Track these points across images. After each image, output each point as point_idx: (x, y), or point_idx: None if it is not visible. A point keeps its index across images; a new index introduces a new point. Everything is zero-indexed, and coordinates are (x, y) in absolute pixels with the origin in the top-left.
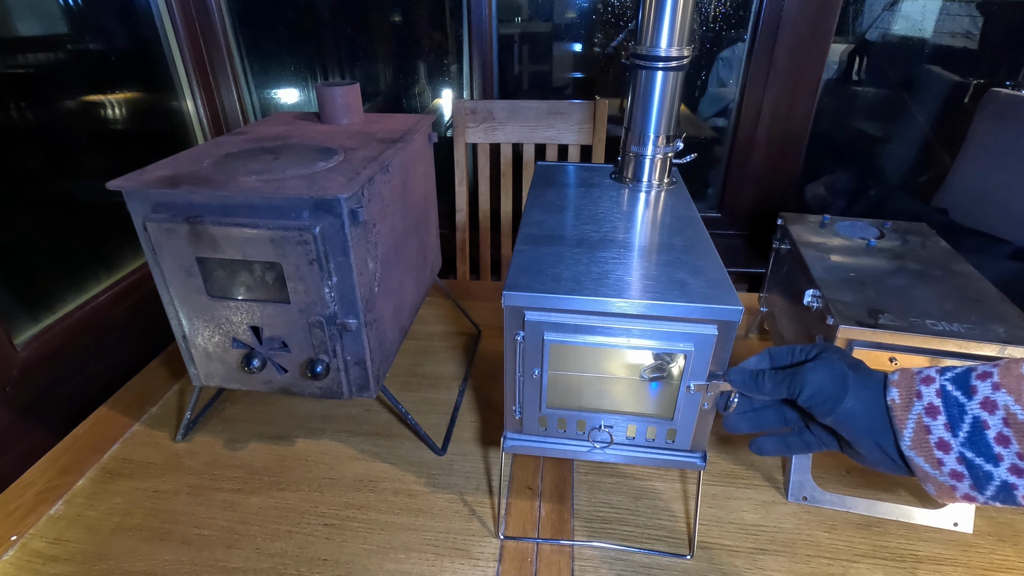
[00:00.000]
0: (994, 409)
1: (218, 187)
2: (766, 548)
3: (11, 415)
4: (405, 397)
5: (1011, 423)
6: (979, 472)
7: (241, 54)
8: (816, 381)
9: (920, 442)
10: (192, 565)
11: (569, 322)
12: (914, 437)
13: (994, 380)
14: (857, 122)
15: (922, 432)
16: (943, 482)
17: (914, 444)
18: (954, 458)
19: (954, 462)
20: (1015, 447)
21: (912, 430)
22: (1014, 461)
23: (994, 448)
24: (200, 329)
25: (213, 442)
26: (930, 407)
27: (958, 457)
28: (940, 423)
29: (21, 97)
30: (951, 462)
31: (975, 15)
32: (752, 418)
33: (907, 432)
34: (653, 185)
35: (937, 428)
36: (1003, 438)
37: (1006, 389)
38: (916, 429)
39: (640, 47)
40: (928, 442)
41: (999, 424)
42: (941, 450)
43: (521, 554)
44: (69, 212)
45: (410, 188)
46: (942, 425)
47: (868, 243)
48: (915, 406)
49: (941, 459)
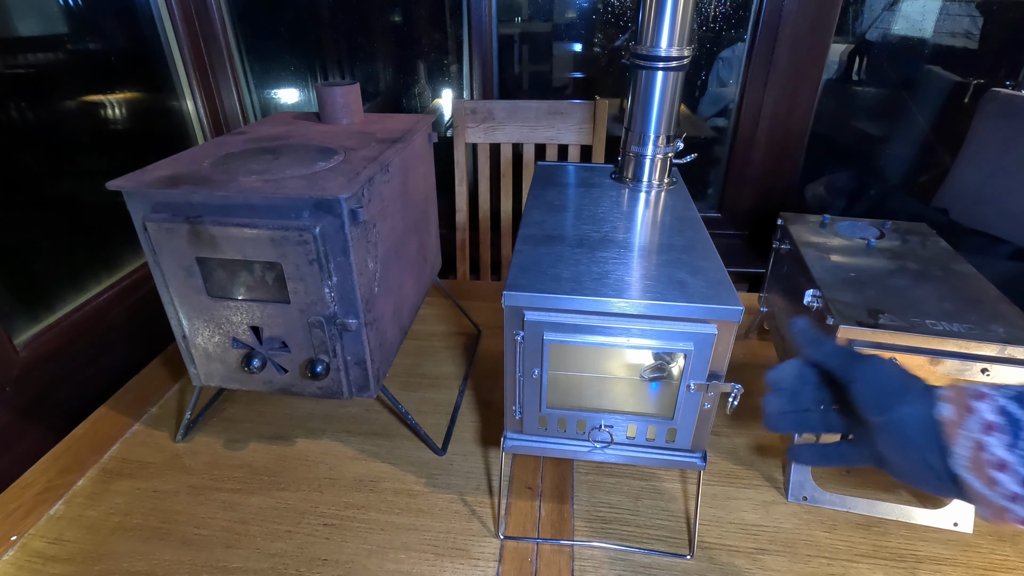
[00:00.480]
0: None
1: (218, 187)
2: (766, 548)
3: (11, 415)
4: (405, 397)
5: None
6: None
7: (241, 54)
8: (873, 372)
9: (975, 461)
10: (192, 565)
11: (569, 322)
12: (970, 456)
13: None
14: (857, 122)
15: (978, 450)
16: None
17: (971, 464)
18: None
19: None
20: None
21: (967, 448)
22: None
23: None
24: (200, 329)
25: (213, 442)
26: (988, 424)
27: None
28: (998, 442)
29: (21, 97)
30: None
31: (975, 15)
32: (795, 418)
33: (961, 450)
34: (653, 185)
35: (995, 447)
36: None
37: None
38: (972, 447)
39: (640, 47)
40: (984, 461)
41: None
42: (998, 470)
43: (521, 554)
44: (69, 212)
45: (410, 188)
46: (1001, 444)
47: (868, 243)
48: (969, 422)
49: (997, 479)
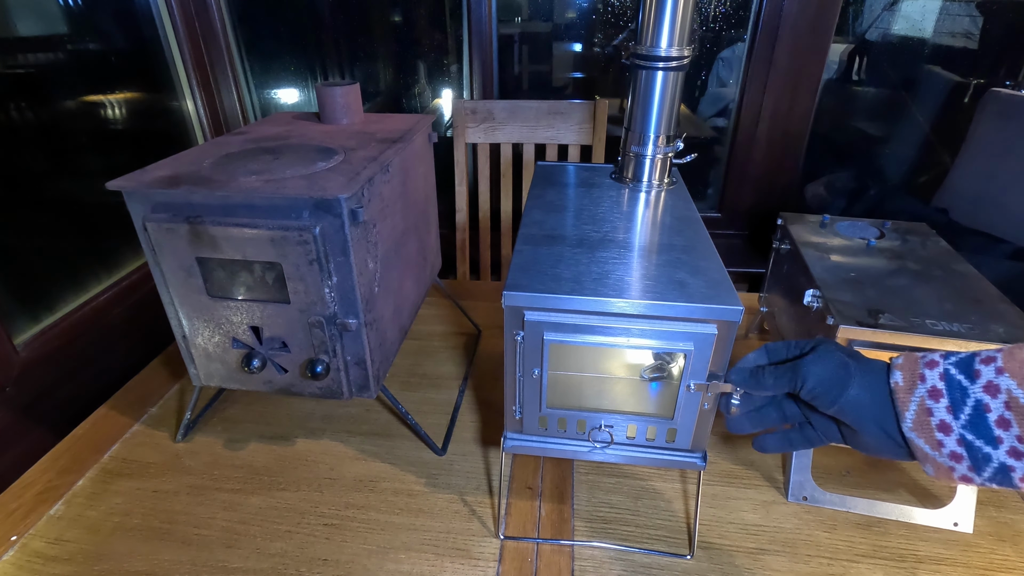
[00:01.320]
0: (996, 393)
1: (218, 187)
2: (766, 548)
3: (11, 415)
4: (405, 397)
5: (1013, 407)
6: (978, 454)
7: (241, 54)
8: (818, 372)
9: (922, 424)
10: (192, 565)
11: (569, 322)
12: (916, 419)
13: (998, 365)
14: (857, 122)
15: (924, 414)
16: (942, 463)
17: (916, 426)
18: (954, 440)
19: (954, 444)
20: (1015, 430)
21: (914, 412)
22: (1013, 444)
23: (994, 431)
24: (200, 329)
25: (213, 442)
26: (933, 390)
27: (958, 439)
28: (942, 405)
29: (21, 97)
30: (951, 444)
31: (975, 15)
32: (755, 417)
33: (909, 414)
34: (653, 185)
35: (939, 410)
36: (1004, 421)
37: (1009, 373)
38: (918, 411)
39: (640, 47)
40: (930, 424)
41: (1000, 407)
42: (942, 432)
43: (521, 554)
44: (69, 212)
45: (410, 188)
46: (944, 408)
47: (868, 243)
48: (918, 388)
49: (942, 441)
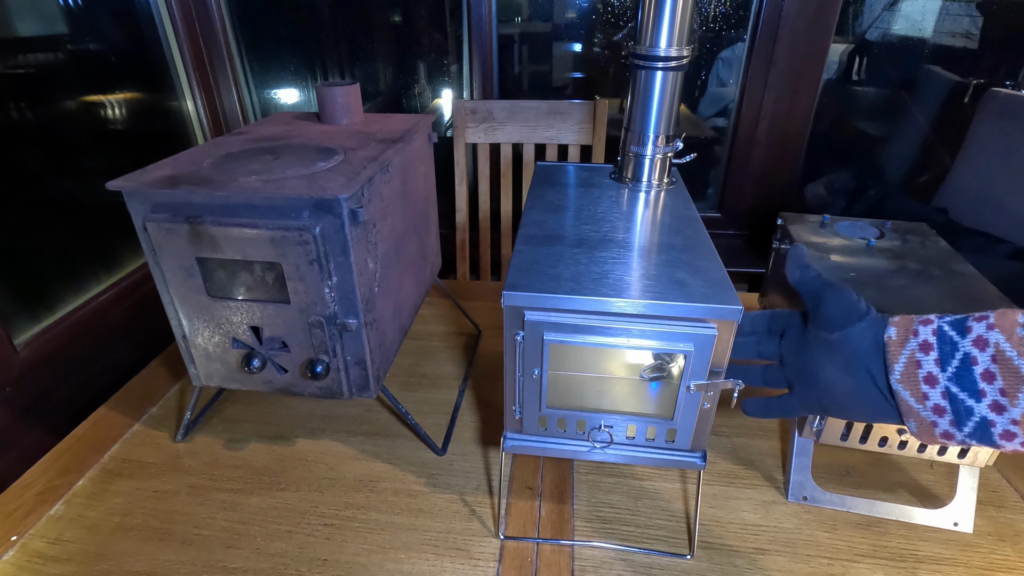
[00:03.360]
0: (985, 346)
1: (218, 187)
2: (766, 548)
3: (11, 415)
4: (405, 397)
5: (999, 359)
6: (961, 407)
7: (241, 54)
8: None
9: (909, 376)
10: (192, 565)
11: (569, 322)
12: (904, 371)
13: (989, 321)
14: (857, 122)
15: (912, 366)
16: (925, 417)
17: (903, 377)
18: (939, 392)
19: (939, 396)
20: (999, 383)
21: (903, 364)
22: (996, 398)
23: (979, 383)
24: (200, 329)
25: (213, 442)
26: (924, 344)
27: (943, 391)
28: (931, 358)
29: (21, 97)
30: (936, 396)
31: (975, 15)
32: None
33: (898, 366)
34: (653, 185)
35: (927, 363)
36: (989, 374)
37: (999, 329)
38: (907, 363)
39: (640, 47)
40: (916, 376)
41: (987, 360)
42: (928, 384)
43: (521, 554)
44: (69, 212)
45: (410, 188)
46: (932, 360)
47: (868, 243)
48: (910, 342)
49: (927, 393)
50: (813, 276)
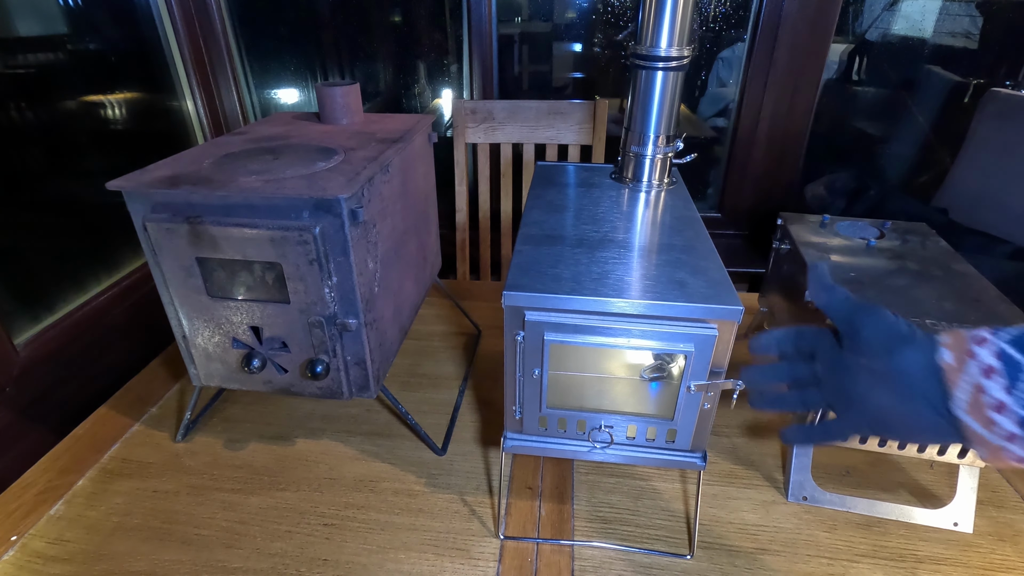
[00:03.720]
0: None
1: (218, 187)
2: (766, 548)
3: (11, 415)
4: (405, 397)
5: None
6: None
7: (241, 54)
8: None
9: (975, 404)
10: (192, 565)
11: (569, 322)
12: (969, 400)
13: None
14: (857, 122)
15: (978, 393)
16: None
17: (969, 407)
18: (1011, 420)
19: (1011, 424)
20: None
21: (967, 392)
22: None
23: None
24: (200, 329)
25: (213, 442)
26: (987, 369)
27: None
28: (998, 385)
29: (21, 97)
30: (1008, 424)
31: (975, 15)
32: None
33: (960, 394)
34: (653, 185)
35: (994, 389)
36: None
37: None
38: (972, 391)
39: (640, 47)
40: (983, 403)
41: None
42: (997, 412)
43: (521, 554)
44: (69, 212)
45: (410, 188)
46: (1000, 387)
47: (868, 243)
48: (970, 367)
49: (996, 420)
50: (842, 299)
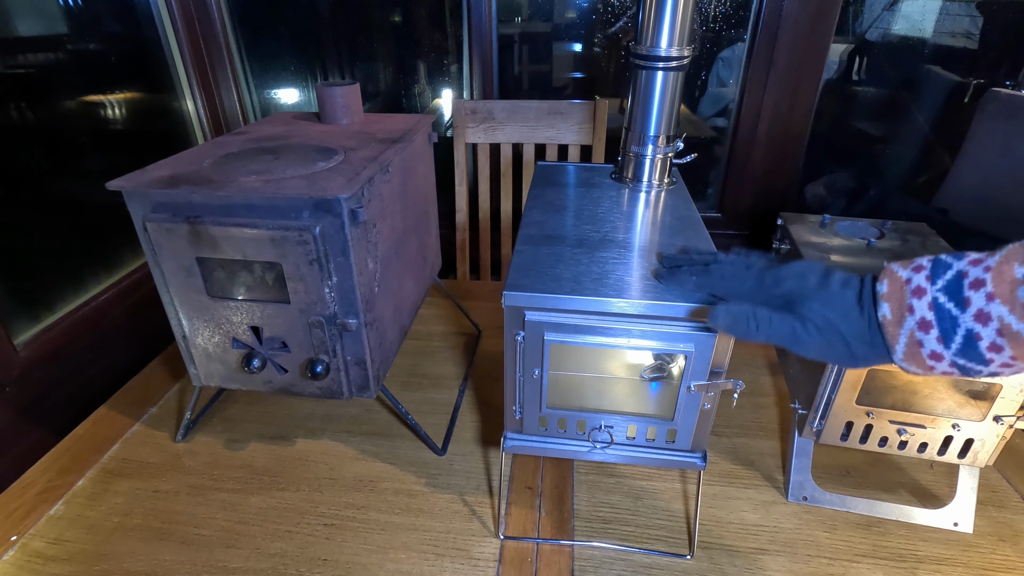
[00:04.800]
0: (988, 321)
1: (218, 187)
2: (766, 548)
3: (11, 415)
4: (405, 397)
5: (1005, 333)
6: (971, 372)
7: (241, 54)
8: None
9: (913, 355)
10: (192, 565)
11: (569, 322)
12: (906, 351)
13: (988, 290)
14: (857, 122)
15: (915, 346)
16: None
17: (907, 356)
18: (947, 364)
19: (946, 367)
20: (1007, 352)
21: (904, 344)
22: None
23: (986, 355)
24: (200, 329)
25: (213, 442)
26: (922, 321)
27: (950, 363)
28: (933, 336)
29: (21, 97)
30: (943, 367)
31: (975, 15)
32: None
33: (899, 347)
34: (653, 185)
35: (930, 342)
36: (996, 347)
37: (1000, 299)
38: (908, 343)
39: (640, 47)
40: (921, 355)
41: (992, 335)
42: (933, 360)
43: (521, 554)
44: (69, 212)
45: (410, 188)
46: (935, 339)
47: (868, 243)
48: (907, 321)
49: (933, 367)
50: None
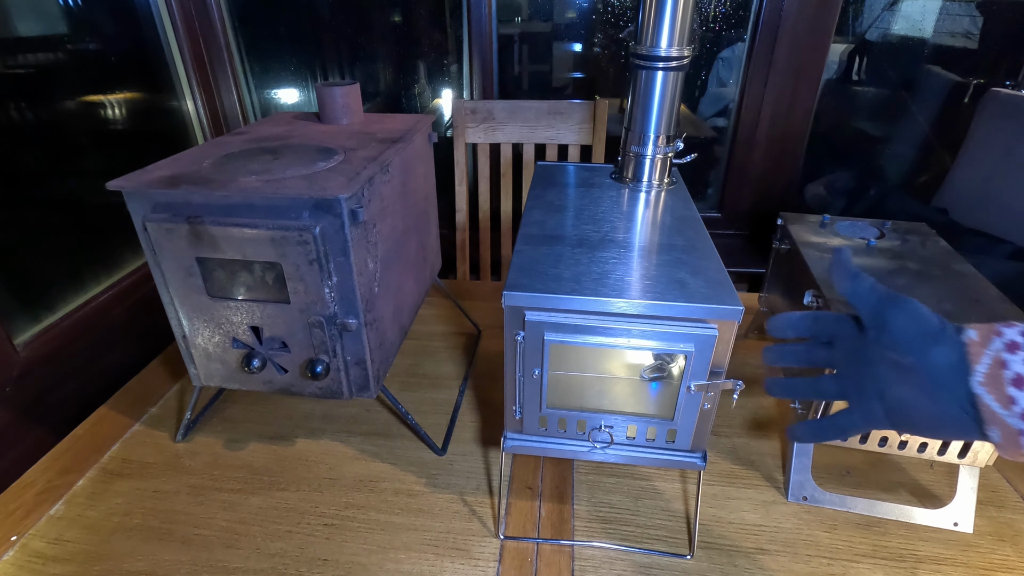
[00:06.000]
0: None
1: (218, 187)
2: (766, 548)
3: (11, 415)
4: (405, 397)
5: None
6: None
7: (241, 54)
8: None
9: (993, 377)
10: (192, 565)
11: (569, 322)
12: (988, 372)
13: None
14: (857, 122)
15: (997, 367)
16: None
17: (987, 380)
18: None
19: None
20: None
21: (987, 365)
22: None
23: None
24: (200, 329)
25: (213, 442)
26: (1011, 344)
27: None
28: (1019, 358)
29: (21, 97)
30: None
31: (975, 15)
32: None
33: (981, 367)
34: (653, 185)
35: (1015, 363)
36: None
37: None
38: (992, 364)
39: (640, 47)
40: (1002, 377)
41: None
42: (1015, 386)
43: (521, 554)
44: (69, 212)
45: (410, 188)
46: (1021, 360)
47: (868, 243)
48: (994, 342)
49: (1014, 397)
50: (869, 287)
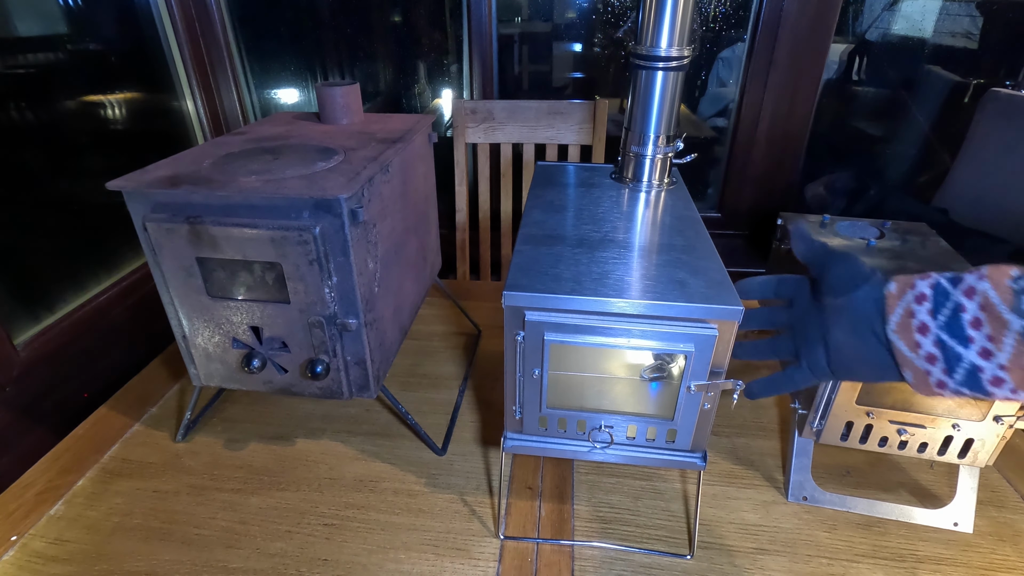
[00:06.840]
0: (973, 295)
1: (218, 187)
2: (766, 548)
3: (11, 415)
4: (405, 397)
5: (986, 307)
6: (951, 354)
7: (241, 54)
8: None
9: (904, 326)
10: (192, 565)
11: (569, 322)
12: (900, 321)
13: (982, 272)
14: (857, 122)
15: (907, 316)
16: (919, 366)
17: (898, 328)
18: (931, 341)
19: (930, 345)
20: (986, 329)
21: (899, 315)
22: (983, 344)
23: (967, 331)
24: (200, 329)
25: (213, 442)
26: (920, 295)
27: (935, 340)
28: (924, 308)
29: (21, 97)
30: (928, 345)
31: (975, 15)
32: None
33: (894, 317)
34: (653, 185)
35: (921, 312)
36: (976, 321)
37: (990, 280)
38: (903, 314)
39: (640, 47)
40: (911, 325)
41: (975, 308)
42: (920, 333)
43: (521, 554)
44: (69, 212)
45: (410, 188)
46: (926, 310)
47: (868, 243)
48: (907, 295)
49: (919, 342)
50: (818, 246)
